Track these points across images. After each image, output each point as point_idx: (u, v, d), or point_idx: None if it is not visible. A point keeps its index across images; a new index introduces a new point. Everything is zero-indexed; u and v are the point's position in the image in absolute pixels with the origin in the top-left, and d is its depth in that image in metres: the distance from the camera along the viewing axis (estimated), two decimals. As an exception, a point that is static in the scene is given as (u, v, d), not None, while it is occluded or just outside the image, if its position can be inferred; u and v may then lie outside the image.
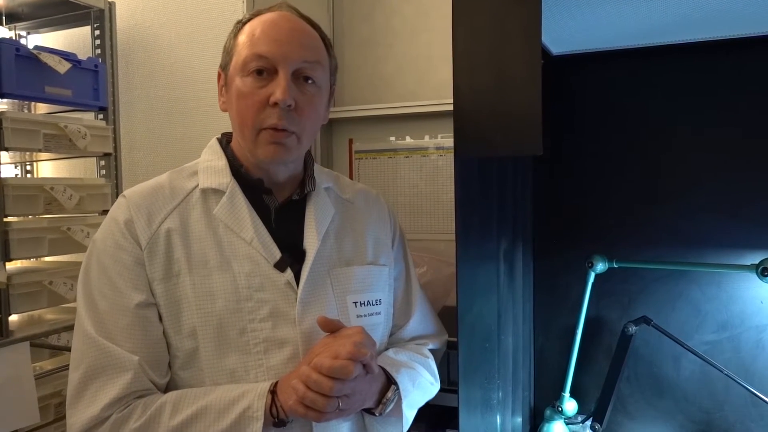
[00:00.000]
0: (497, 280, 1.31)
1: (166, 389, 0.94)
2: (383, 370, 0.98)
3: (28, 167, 2.09)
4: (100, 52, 1.79)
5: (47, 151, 1.59)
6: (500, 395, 1.33)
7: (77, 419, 0.88)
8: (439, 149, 1.94)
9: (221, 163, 1.00)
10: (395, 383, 0.98)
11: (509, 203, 1.39)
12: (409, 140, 1.98)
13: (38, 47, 1.57)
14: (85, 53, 1.75)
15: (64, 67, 1.59)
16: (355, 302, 1.01)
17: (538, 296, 1.61)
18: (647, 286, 1.50)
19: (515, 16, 0.96)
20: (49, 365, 1.74)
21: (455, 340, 1.08)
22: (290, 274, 0.96)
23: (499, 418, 1.33)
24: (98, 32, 1.79)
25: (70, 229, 1.61)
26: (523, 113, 0.96)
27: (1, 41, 1.47)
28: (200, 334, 0.91)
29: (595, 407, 1.47)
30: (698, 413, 1.46)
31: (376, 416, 0.98)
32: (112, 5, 1.80)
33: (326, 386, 0.84)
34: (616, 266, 1.44)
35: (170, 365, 0.94)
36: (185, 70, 1.84)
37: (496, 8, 0.97)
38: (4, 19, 1.84)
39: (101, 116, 1.78)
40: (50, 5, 1.78)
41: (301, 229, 1.01)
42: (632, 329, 1.40)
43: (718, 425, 1.44)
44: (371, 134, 2.03)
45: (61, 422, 1.60)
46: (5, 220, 1.47)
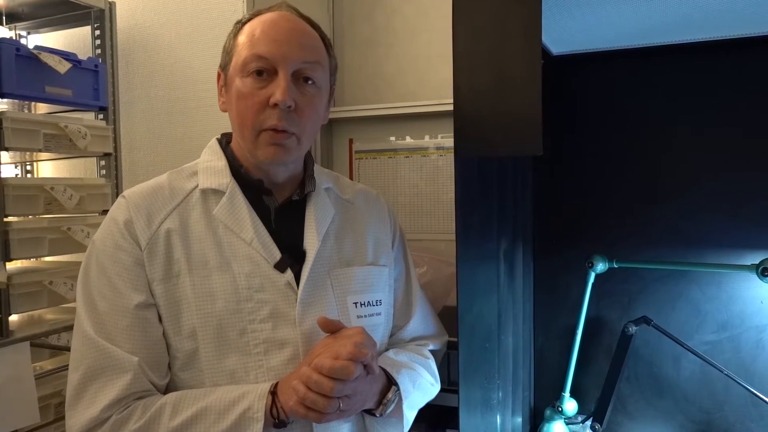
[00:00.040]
0: (497, 280, 1.31)
1: (165, 390, 0.93)
2: (384, 370, 0.98)
3: (28, 167, 2.09)
4: (100, 52, 1.79)
5: (47, 151, 1.59)
6: (500, 395, 1.33)
7: (76, 420, 0.88)
8: (439, 149, 1.94)
9: (221, 163, 1.00)
10: (396, 384, 0.98)
11: (509, 203, 1.39)
12: (409, 140, 1.98)
13: (38, 47, 1.57)
14: (85, 53, 1.75)
15: (64, 67, 1.59)
16: (355, 303, 1.01)
17: (538, 296, 1.61)
18: (647, 286, 1.50)
19: (515, 16, 0.96)
20: (49, 365, 1.74)
21: (455, 340, 1.08)
22: (290, 274, 0.95)
23: (499, 418, 1.33)
24: (98, 32, 1.79)
25: (70, 229, 1.61)
26: (523, 113, 0.96)
27: (1, 41, 1.47)
28: (200, 334, 0.91)
29: (595, 407, 1.47)
30: (698, 413, 1.46)
31: (376, 417, 0.98)
32: (112, 5, 1.80)
33: (327, 387, 0.84)
34: (616, 266, 1.44)
35: (170, 366, 0.94)
36: (185, 70, 1.84)
37: (496, 8, 0.97)
38: (4, 19, 1.84)
39: (101, 116, 1.78)
40: (50, 5, 1.78)
41: (301, 229, 1.00)
42: (632, 329, 1.40)
43: (718, 425, 1.44)
44: (371, 134, 2.03)
45: (61, 422, 1.60)
46: (5, 220, 1.47)
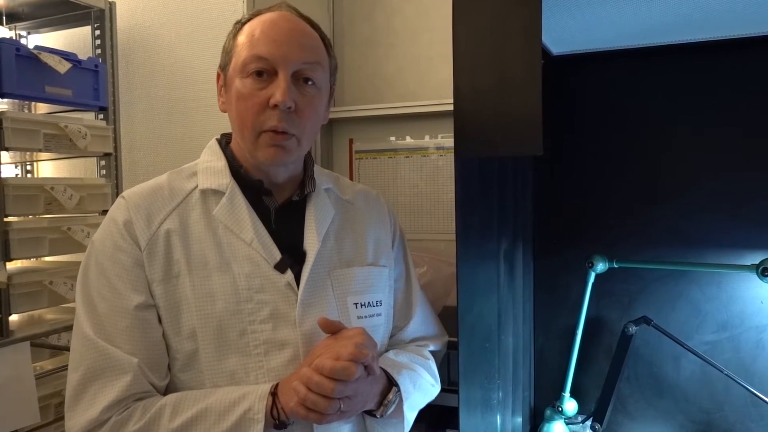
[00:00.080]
0: (497, 280, 1.31)
1: (165, 391, 0.93)
2: (384, 371, 0.98)
3: (28, 167, 2.09)
4: (100, 52, 1.79)
5: (47, 151, 1.59)
6: (500, 395, 1.33)
7: (76, 422, 0.87)
8: (439, 149, 1.94)
9: (221, 163, 1.00)
10: (396, 385, 0.98)
11: (509, 203, 1.39)
12: (409, 140, 1.98)
13: (38, 47, 1.57)
14: (85, 53, 1.75)
15: (64, 67, 1.59)
16: (355, 303, 1.01)
17: (538, 296, 1.61)
18: (647, 286, 1.50)
19: (516, 16, 0.96)
20: (49, 365, 1.74)
21: (455, 340, 1.08)
22: (290, 275, 0.95)
23: (499, 418, 1.33)
24: (98, 32, 1.79)
25: (70, 229, 1.61)
26: (523, 113, 0.96)
27: (1, 41, 1.47)
28: (200, 335, 0.91)
29: (595, 407, 1.47)
30: (698, 413, 1.46)
31: (377, 418, 0.98)
32: (112, 5, 1.80)
33: (328, 388, 0.84)
34: (616, 266, 1.44)
35: (170, 367, 0.93)
36: (185, 70, 1.84)
37: (496, 8, 0.97)
38: (4, 19, 1.84)
39: (101, 116, 1.78)
40: (50, 5, 1.78)
41: (301, 230, 1.00)
42: (632, 329, 1.40)
43: (718, 425, 1.44)
44: (371, 134, 2.03)
45: (61, 422, 1.60)
46: (5, 220, 1.47)
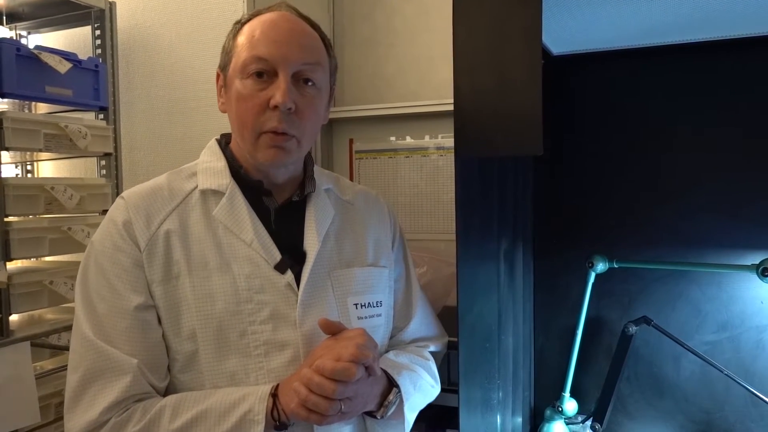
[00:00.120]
0: (497, 280, 1.31)
1: (165, 393, 0.92)
2: (384, 372, 0.98)
3: (28, 167, 2.10)
4: (100, 52, 1.79)
5: (48, 150, 1.59)
6: (500, 395, 1.33)
7: (75, 423, 0.87)
8: (439, 149, 1.94)
9: (220, 164, 1.00)
10: (397, 386, 0.98)
11: (510, 203, 1.39)
12: (409, 140, 1.98)
13: (39, 47, 1.57)
14: (85, 53, 1.75)
15: (64, 66, 1.59)
16: (355, 304, 1.00)
17: (538, 296, 1.61)
18: (647, 286, 1.50)
19: (516, 16, 0.96)
20: (49, 365, 1.74)
21: (455, 340, 1.08)
22: (290, 275, 0.95)
23: (499, 418, 1.33)
24: (99, 32, 1.79)
25: (70, 228, 1.61)
26: (523, 113, 0.96)
27: (1, 41, 1.47)
28: (200, 336, 0.91)
29: (595, 407, 1.47)
30: (698, 413, 1.46)
31: (377, 419, 0.98)
32: (112, 5, 1.80)
33: (329, 389, 0.84)
34: (616, 266, 1.44)
35: (169, 368, 0.93)
36: (186, 70, 1.84)
37: (496, 8, 0.97)
38: (4, 18, 1.84)
39: (102, 116, 1.78)
40: (51, 5, 1.78)
41: (301, 230, 1.00)
42: (632, 329, 1.40)
43: (718, 425, 1.44)
44: (372, 134, 2.03)
45: (61, 422, 1.59)
46: (6, 219, 1.47)
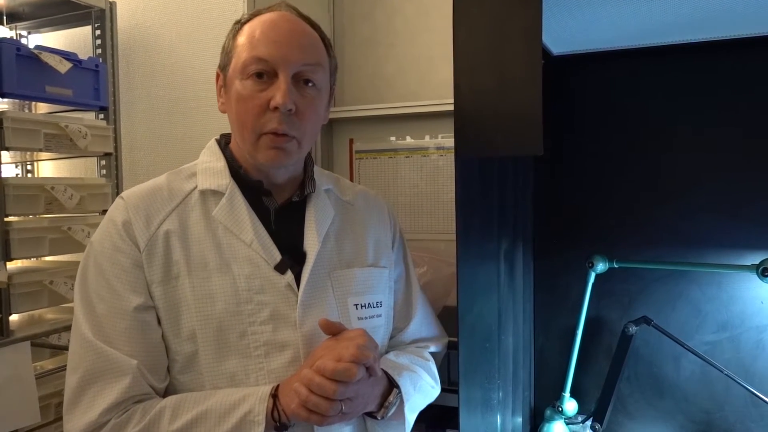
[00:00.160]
0: (498, 280, 1.31)
1: (165, 394, 0.92)
2: (385, 373, 0.98)
3: (28, 167, 2.10)
4: (100, 51, 1.79)
5: (48, 150, 1.59)
6: (500, 395, 1.33)
7: (75, 424, 0.87)
8: (439, 149, 1.94)
9: (220, 164, 0.99)
10: (397, 386, 0.98)
11: (510, 203, 1.39)
12: (409, 140, 1.98)
13: (39, 47, 1.57)
14: (85, 53, 1.75)
15: (64, 66, 1.59)
16: (356, 304, 1.00)
17: (538, 296, 1.61)
18: (647, 286, 1.50)
19: (516, 16, 0.96)
20: (49, 365, 1.74)
21: (456, 340, 1.08)
22: (290, 276, 0.94)
23: (499, 418, 1.33)
24: (99, 32, 1.80)
25: (70, 228, 1.61)
26: (523, 113, 0.96)
27: (2, 41, 1.47)
28: (200, 337, 0.90)
29: (595, 407, 1.47)
30: (698, 413, 1.46)
31: (378, 420, 0.97)
32: (112, 5, 1.80)
33: (329, 389, 0.83)
34: (616, 266, 1.44)
35: (169, 369, 0.93)
36: (186, 70, 1.84)
37: (497, 9, 0.97)
38: (5, 18, 1.84)
39: (102, 116, 1.78)
40: (51, 5, 1.78)
41: (301, 230, 1.00)
42: (632, 329, 1.40)
43: (718, 425, 1.44)
44: (372, 134, 2.03)
45: (61, 422, 1.60)
46: (6, 219, 1.47)
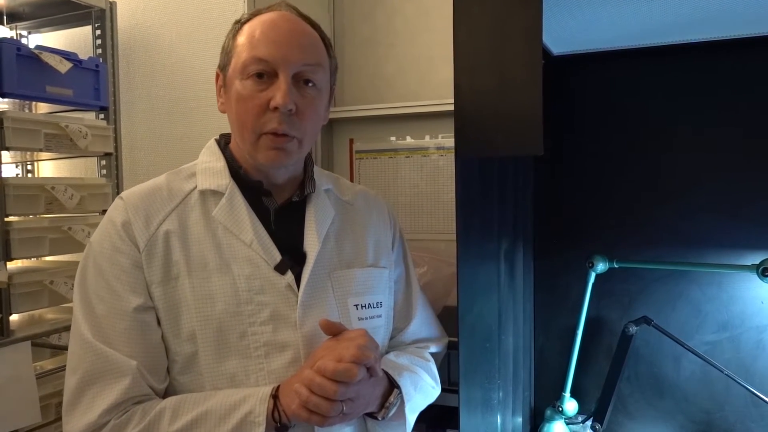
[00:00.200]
0: (498, 280, 1.31)
1: (164, 395, 0.92)
2: (385, 373, 0.97)
3: (29, 167, 2.10)
4: (101, 51, 1.79)
5: (48, 150, 1.59)
6: (501, 395, 1.33)
7: (74, 426, 0.87)
8: (439, 149, 1.94)
9: (220, 164, 0.99)
10: (398, 387, 0.97)
11: (510, 203, 1.39)
12: (409, 140, 1.98)
13: (39, 47, 1.57)
14: (86, 53, 1.75)
15: (65, 66, 1.59)
16: (356, 305, 1.00)
17: (538, 296, 1.61)
18: (647, 286, 1.50)
19: (516, 16, 0.96)
20: (50, 365, 1.74)
21: (456, 340, 1.08)
22: (291, 276, 0.94)
23: (499, 418, 1.33)
24: (99, 32, 1.80)
25: (71, 228, 1.61)
26: (523, 113, 0.96)
27: (2, 41, 1.47)
28: (200, 337, 0.90)
29: (595, 407, 1.47)
30: (699, 413, 1.46)
31: (378, 420, 0.97)
32: (113, 5, 1.80)
33: (330, 390, 0.83)
34: (616, 266, 1.44)
35: (169, 370, 0.92)
36: (186, 69, 1.84)
37: (497, 9, 0.97)
38: (5, 18, 1.84)
39: (102, 116, 1.78)
40: (51, 5, 1.78)
41: (300, 231, 1.00)
42: (633, 329, 1.40)
43: (718, 425, 1.44)
44: (372, 134, 2.03)
45: (61, 422, 1.60)
46: (6, 219, 1.47)
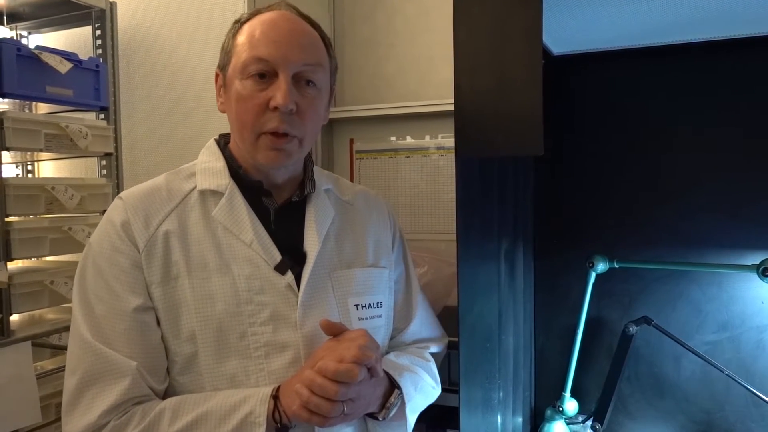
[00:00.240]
0: (498, 280, 1.31)
1: (164, 395, 0.92)
2: (386, 374, 0.97)
3: (29, 167, 2.10)
4: (101, 52, 1.79)
5: (48, 150, 1.59)
6: (501, 395, 1.33)
7: (74, 426, 0.86)
8: (440, 149, 1.94)
9: (219, 164, 0.99)
10: (399, 387, 0.97)
11: (510, 203, 1.39)
12: (410, 140, 1.98)
13: (39, 47, 1.57)
14: (86, 53, 1.75)
15: (65, 67, 1.59)
16: (356, 305, 1.00)
17: (538, 296, 1.61)
18: (648, 286, 1.50)
19: (516, 16, 0.96)
20: (50, 365, 1.74)
21: (456, 340, 1.08)
22: (291, 276, 0.94)
23: (499, 418, 1.33)
24: (99, 32, 1.80)
25: (71, 228, 1.61)
26: (524, 113, 0.96)
27: (2, 41, 1.47)
28: (199, 338, 0.90)
29: (595, 407, 1.47)
30: (699, 413, 1.46)
31: (379, 421, 0.97)
32: (113, 5, 1.80)
33: (331, 390, 0.83)
34: (616, 266, 1.44)
35: (169, 370, 0.92)
36: (186, 69, 1.84)
37: (497, 9, 0.97)
38: (5, 19, 1.84)
39: (102, 116, 1.78)
40: (51, 5, 1.78)
41: (300, 231, 0.99)
42: (633, 329, 1.40)
43: (718, 425, 1.44)
44: (372, 134, 2.03)
45: (61, 422, 1.60)
46: (7, 219, 1.47)
